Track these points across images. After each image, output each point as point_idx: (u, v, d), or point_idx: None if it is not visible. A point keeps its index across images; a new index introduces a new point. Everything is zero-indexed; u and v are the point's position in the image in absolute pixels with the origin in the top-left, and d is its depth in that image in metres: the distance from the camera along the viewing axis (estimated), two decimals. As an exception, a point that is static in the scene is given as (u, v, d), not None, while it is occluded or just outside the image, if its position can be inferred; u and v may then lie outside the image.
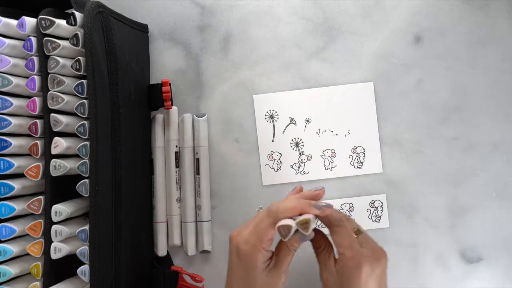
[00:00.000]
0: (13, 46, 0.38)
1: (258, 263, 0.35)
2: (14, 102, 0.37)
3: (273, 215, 0.35)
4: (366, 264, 0.35)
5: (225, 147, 0.49)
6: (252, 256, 0.35)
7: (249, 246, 0.35)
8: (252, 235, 0.36)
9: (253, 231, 0.36)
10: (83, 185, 0.37)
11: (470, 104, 0.49)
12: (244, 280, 0.36)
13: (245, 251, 0.35)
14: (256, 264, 0.35)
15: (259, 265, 0.35)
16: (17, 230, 0.38)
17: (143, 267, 0.45)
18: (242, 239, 0.36)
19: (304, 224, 0.34)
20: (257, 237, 0.35)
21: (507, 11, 0.48)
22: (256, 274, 0.35)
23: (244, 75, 0.49)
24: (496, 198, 0.48)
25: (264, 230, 0.35)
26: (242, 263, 0.36)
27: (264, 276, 0.36)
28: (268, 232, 0.35)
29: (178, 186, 0.48)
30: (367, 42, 0.49)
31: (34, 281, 0.38)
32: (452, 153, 0.48)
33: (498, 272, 0.48)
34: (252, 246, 0.35)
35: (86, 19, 0.36)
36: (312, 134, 0.49)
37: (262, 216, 0.36)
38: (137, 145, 0.45)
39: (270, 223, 0.35)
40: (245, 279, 0.36)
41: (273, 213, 0.35)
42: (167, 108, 0.47)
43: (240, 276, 0.36)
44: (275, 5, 0.49)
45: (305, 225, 0.34)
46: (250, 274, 0.35)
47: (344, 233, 0.36)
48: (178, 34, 0.50)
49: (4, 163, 0.37)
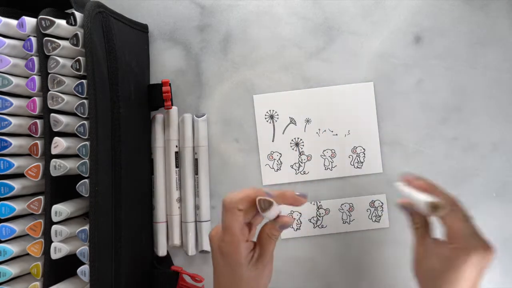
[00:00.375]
0: (13, 46, 0.38)
1: (242, 258, 0.35)
2: (14, 102, 0.37)
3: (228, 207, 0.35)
4: (476, 253, 0.34)
5: (225, 147, 0.49)
6: (233, 254, 0.35)
7: (226, 244, 0.35)
8: (224, 233, 0.35)
9: (222, 228, 0.36)
10: (83, 185, 0.37)
11: (470, 104, 0.49)
12: (231, 276, 0.36)
13: (224, 250, 0.35)
14: (240, 260, 0.35)
15: (243, 260, 0.35)
16: (17, 230, 0.38)
17: (143, 267, 0.45)
18: (217, 238, 0.36)
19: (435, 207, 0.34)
20: (228, 233, 0.35)
21: (507, 11, 0.48)
22: (242, 269, 0.35)
23: (244, 75, 0.49)
24: (496, 198, 0.48)
25: (229, 224, 0.35)
26: (226, 261, 0.36)
27: (250, 269, 0.36)
28: (233, 225, 0.35)
29: (178, 186, 0.48)
30: (367, 42, 0.49)
31: (34, 281, 0.38)
32: (452, 153, 0.48)
33: (498, 272, 0.48)
34: (229, 243, 0.35)
35: (86, 19, 0.36)
36: (312, 134, 0.49)
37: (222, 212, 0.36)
38: (137, 145, 0.45)
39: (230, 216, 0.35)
40: (231, 275, 0.36)
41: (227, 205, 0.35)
42: (167, 108, 0.47)
43: (227, 274, 0.36)
44: (275, 5, 0.49)
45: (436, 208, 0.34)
46: (236, 270, 0.35)
47: (458, 217, 0.35)
48: (178, 34, 0.50)
49: (4, 163, 0.37)
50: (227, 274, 0.36)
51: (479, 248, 0.34)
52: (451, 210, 0.35)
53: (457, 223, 0.35)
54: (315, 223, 0.49)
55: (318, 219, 0.48)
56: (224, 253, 0.35)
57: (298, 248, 0.48)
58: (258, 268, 0.36)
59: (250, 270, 0.36)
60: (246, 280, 0.36)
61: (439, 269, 0.35)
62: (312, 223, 0.49)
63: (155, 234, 0.48)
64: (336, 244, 0.48)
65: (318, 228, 0.48)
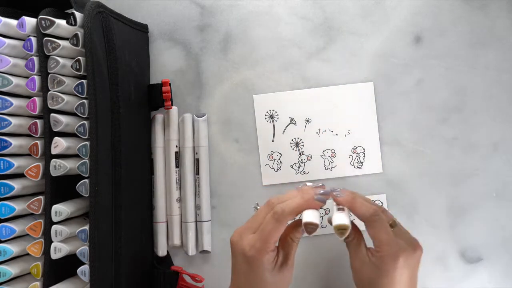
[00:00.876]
0: (13, 46, 0.38)
1: (267, 265, 0.35)
2: (14, 102, 0.37)
3: (279, 218, 0.35)
4: (403, 256, 0.35)
5: (225, 147, 0.49)
6: (259, 260, 0.35)
7: (255, 251, 0.35)
8: (258, 240, 0.35)
9: (259, 235, 0.35)
10: (83, 185, 0.37)
11: (470, 104, 0.49)
12: (254, 281, 0.36)
13: (252, 256, 0.35)
14: (265, 266, 0.35)
15: (268, 266, 0.35)
16: (17, 230, 0.38)
17: (143, 267, 0.45)
18: (247, 245, 0.35)
19: (341, 230, 0.34)
20: (263, 241, 0.35)
21: (507, 11, 0.48)
22: (267, 275, 0.35)
23: (244, 75, 0.49)
24: (496, 198, 0.48)
25: (270, 233, 0.35)
26: (250, 268, 0.35)
27: (275, 274, 0.36)
28: (275, 235, 0.35)
29: (178, 186, 0.48)
30: (367, 42, 0.49)
31: (34, 281, 0.38)
32: (452, 153, 0.48)
33: (498, 272, 0.48)
34: (258, 251, 0.35)
35: (86, 19, 0.36)
36: (312, 134, 0.49)
37: (267, 219, 0.35)
38: (137, 145, 0.45)
39: (277, 227, 0.35)
40: (254, 280, 0.35)
41: (278, 216, 0.35)
42: (167, 108, 0.47)
43: (248, 277, 0.36)
44: (275, 5, 0.49)
45: (342, 231, 0.34)
46: (261, 276, 0.35)
47: (380, 227, 0.36)
48: (178, 34, 0.50)
49: (4, 163, 0.37)
50: (249, 279, 0.36)
51: (404, 250, 0.35)
52: (374, 221, 0.36)
53: (379, 232, 0.36)
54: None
55: (318, 219, 0.48)
56: (249, 260, 0.35)
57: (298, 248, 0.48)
58: (283, 272, 0.36)
59: (274, 275, 0.36)
60: (269, 285, 0.35)
61: (374, 278, 0.36)
62: (312, 223, 0.49)
63: (155, 234, 0.48)
64: (337, 246, 0.48)
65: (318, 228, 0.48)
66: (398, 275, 0.35)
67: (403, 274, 0.35)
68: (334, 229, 0.34)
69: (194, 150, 0.48)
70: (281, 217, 0.35)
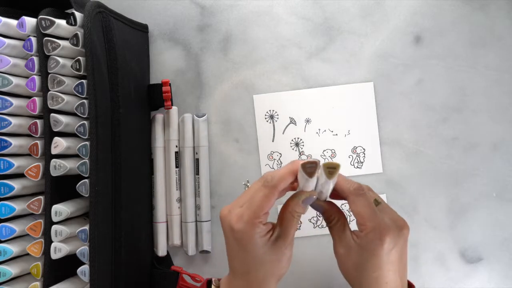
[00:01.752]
0: (13, 46, 0.38)
1: (257, 238, 0.32)
2: (14, 102, 0.37)
3: (269, 184, 0.33)
4: (389, 235, 0.33)
5: (225, 147, 0.49)
6: (248, 233, 0.32)
7: (244, 223, 0.32)
8: (247, 210, 0.33)
9: (248, 205, 0.33)
10: (83, 185, 0.37)
11: (470, 104, 0.49)
12: (246, 259, 0.33)
13: (241, 229, 0.32)
14: (255, 241, 0.32)
15: (258, 240, 0.33)
16: (17, 230, 0.38)
17: (143, 267, 0.45)
18: (234, 217, 0.33)
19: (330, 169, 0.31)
20: (252, 212, 0.32)
21: (507, 11, 0.48)
22: (259, 250, 0.33)
23: (244, 75, 0.49)
24: (496, 198, 0.48)
25: (260, 202, 0.32)
26: (239, 243, 0.33)
27: (267, 250, 0.33)
28: (265, 204, 0.32)
29: (178, 186, 0.48)
30: (367, 42, 0.49)
31: (34, 281, 0.38)
32: (452, 153, 0.48)
33: (498, 272, 0.48)
34: (247, 223, 0.32)
35: (86, 19, 0.36)
36: (312, 134, 0.49)
37: (256, 187, 0.33)
38: (137, 145, 0.45)
39: (266, 194, 0.32)
40: (246, 257, 0.33)
41: (269, 183, 0.33)
42: (167, 108, 0.47)
43: (241, 256, 0.33)
44: (275, 5, 0.49)
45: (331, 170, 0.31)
46: (253, 253, 0.33)
47: (363, 202, 0.34)
48: (178, 34, 0.50)
49: (4, 163, 0.37)
50: (243, 259, 0.33)
51: (391, 227, 0.33)
52: (357, 194, 0.34)
53: (363, 207, 0.34)
54: (315, 223, 0.48)
55: (318, 219, 0.48)
56: (237, 234, 0.33)
57: (298, 248, 0.48)
58: (276, 252, 0.33)
59: (267, 253, 0.33)
60: (261, 262, 0.33)
61: (361, 262, 0.34)
62: (312, 223, 0.49)
63: (155, 234, 0.48)
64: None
65: (318, 228, 0.48)
66: (385, 255, 0.33)
67: (391, 254, 0.33)
68: (324, 169, 0.32)
69: (194, 150, 0.48)
70: (270, 183, 0.33)
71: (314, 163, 0.31)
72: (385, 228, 0.33)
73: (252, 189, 0.34)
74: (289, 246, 0.34)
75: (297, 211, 0.34)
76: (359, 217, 0.34)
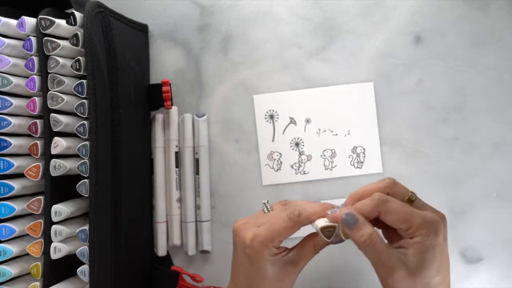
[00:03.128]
0: (13, 46, 0.38)
1: (269, 256, 0.33)
2: (14, 102, 0.37)
3: (295, 219, 0.33)
4: (440, 225, 0.31)
5: (225, 147, 0.49)
6: (260, 252, 0.33)
7: (258, 243, 0.32)
8: (264, 232, 0.33)
9: (266, 228, 0.33)
10: (83, 185, 0.37)
11: (470, 104, 0.48)
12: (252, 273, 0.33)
13: (253, 246, 0.33)
14: (265, 258, 0.33)
15: (269, 258, 0.33)
16: (17, 230, 0.38)
17: (143, 267, 0.45)
18: (250, 234, 0.33)
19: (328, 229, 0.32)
20: (269, 235, 0.32)
21: (507, 11, 0.48)
22: (268, 266, 0.33)
23: (244, 75, 0.49)
24: (496, 198, 0.48)
25: (280, 231, 0.33)
26: (249, 258, 0.33)
27: (275, 269, 0.33)
28: (284, 234, 0.33)
29: (178, 186, 0.48)
30: (367, 42, 0.49)
31: (34, 281, 0.38)
32: (452, 153, 0.48)
33: (498, 272, 0.48)
34: (262, 244, 0.32)
35: (86, 19, 0.36)
36: (312, 134, 0.49)
37: (280, 215, 0.33)
38: (137, 145, 0.45)
39: (288, 226, 0.33)
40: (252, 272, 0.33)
41: (295, 217, 0.33)
42: (167, 108, 0.47)
43: (247, 270, 0.33)
44: (275, 5, 0.49)
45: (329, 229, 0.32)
46: (261, 268, 0.33)
47: (395, 207, 0.31)
48: (178, 34, 0.50)
49: (4, 163, 0.37)
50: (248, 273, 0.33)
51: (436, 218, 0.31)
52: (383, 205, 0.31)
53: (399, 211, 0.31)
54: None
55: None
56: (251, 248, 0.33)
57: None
58: (283, 274, 0.33)
59: (276, 270, 0.33)
60: (267, 280, 0.33)
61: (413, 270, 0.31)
62: (312, 223, 0.49)
63: (155, 234, 0.48)
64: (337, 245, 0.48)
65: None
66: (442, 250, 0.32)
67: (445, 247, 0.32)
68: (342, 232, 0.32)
69: (194, 150, 0.48)
70: (296, 219, 0.33)
71: (333, 228, 0.32)
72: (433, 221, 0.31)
73: (274, 214, 0.34)
74: (297, 273, 0.34)
75: (321, 246, 0.34)
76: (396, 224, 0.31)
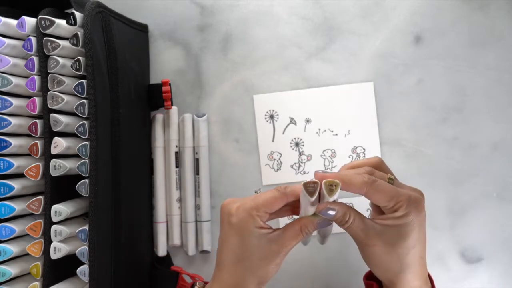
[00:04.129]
0: (13, 46, 0.38)
1: (252, 227, 0.32)
2: (14, 102, 0.37)
3: (281, 190, 0.33)
4: (423, 202, 0.33)
5: (225, 147, 0.49)
6: (245, 220, 0.32)
7: (243, 211, 0.32)
8: (249, 201, 0.32)
9: (252, 199, 0.33)
10: (83, 185, 0.37)
11: (470, 104, 0.48)
12: (236, 247, 0.33)
13: (238, 215, 0.32)
14: (250, 228, 0.32)
15: (254, 229, 0.32)
16: (17, 230, 0.38)
17: (143, 267, 0.45)
18: (235, 205, 0.33)
19: (330, 186, 0.31)
20: (254, 204, 0.32)
21: (507, 11, 0.48)
22: (251, 239, 0.32)
23: (244, 75, 0.49)
24: (496, 198, 0.48)
25: (266, 199, 0.32)
26: (233, 228, 0.33)
27: (260, 243, 0.32)
28: (270, 202, 0.32)
29: (178, 186, 0.48)
30: (367, 42, 0.49)
31: (34, 281, 0.38)
32: (452, 153, 0.48)
33: (498, 272, 0.48)
34: (246, 212, 0.32)
35: (86, 19, 0.36)
36: (312, 134, 0.49)
37: (269, 190, 0.33)
38: (137, 145, 0.45)
39: (275, 195, 0.32)
40: (236, 245, 0.33)
41: (281, 189, 0.33)
42: (167, 108, 0.47)
43: (231, 243, 0.33)
44: (275, 5, 0.49)
45: (331, 187, 0.31)
46: (243, 239, 0.32)
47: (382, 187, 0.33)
48: (178, 34, 0.50)
49: (4, 163, 0.37)
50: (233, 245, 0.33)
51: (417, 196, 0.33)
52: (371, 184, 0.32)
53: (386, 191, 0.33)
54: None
55: (318, 219, 0.48)
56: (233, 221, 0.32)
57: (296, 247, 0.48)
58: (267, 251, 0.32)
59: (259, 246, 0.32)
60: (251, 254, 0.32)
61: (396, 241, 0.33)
62: (312, 223, 0.49)
63: (155, 234, 0.48)
64: (335, 244, 0.48)
65: (318, 228, 0.48)
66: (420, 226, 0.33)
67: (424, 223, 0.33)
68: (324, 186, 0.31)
69: (194, 150, 0.48)
70: (283, 190, 0.33)
71: (315, 184, 0.32)
72: (416, 200, 0.33)
73: (262, 192, 0.34)
74: (281, 255, 0.33)
75: (308, 229, 0.33)
76: (382, 199, 0.33)
